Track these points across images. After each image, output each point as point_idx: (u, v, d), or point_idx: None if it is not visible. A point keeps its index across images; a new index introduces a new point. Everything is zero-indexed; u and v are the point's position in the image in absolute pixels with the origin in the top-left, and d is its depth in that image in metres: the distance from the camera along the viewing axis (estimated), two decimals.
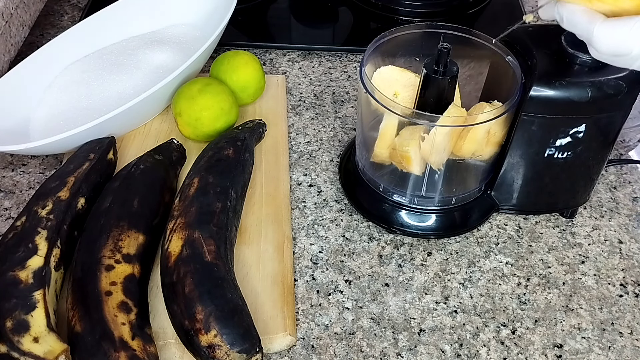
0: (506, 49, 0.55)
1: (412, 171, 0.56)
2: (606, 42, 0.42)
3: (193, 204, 0.53)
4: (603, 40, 0.42)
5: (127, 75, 0.70)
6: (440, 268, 0.57)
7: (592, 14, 0.42)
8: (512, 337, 0.53)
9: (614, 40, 0.41)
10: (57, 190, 0.54)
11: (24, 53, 0.72)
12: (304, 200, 0.63)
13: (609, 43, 0.41)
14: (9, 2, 0.68)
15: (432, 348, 0.52)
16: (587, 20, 0.42)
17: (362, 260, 0.58)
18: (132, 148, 0.65)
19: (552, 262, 0.58)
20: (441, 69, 0.52)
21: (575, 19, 0.43)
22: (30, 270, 0.48)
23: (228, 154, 0.59)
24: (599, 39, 0.42)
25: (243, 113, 0.69)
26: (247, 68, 0.68)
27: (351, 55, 0.81)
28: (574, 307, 0.55)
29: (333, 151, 0.68)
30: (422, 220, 0.59)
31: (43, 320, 0.45)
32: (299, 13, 0.87)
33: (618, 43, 0.41)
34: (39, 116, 0.66)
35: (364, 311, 0.54)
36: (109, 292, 0.47)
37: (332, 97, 0.75)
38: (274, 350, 0.51)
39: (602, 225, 0.62)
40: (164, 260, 0.50)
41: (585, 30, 0.42)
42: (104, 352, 0.44)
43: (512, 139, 0.55)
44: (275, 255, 0.56)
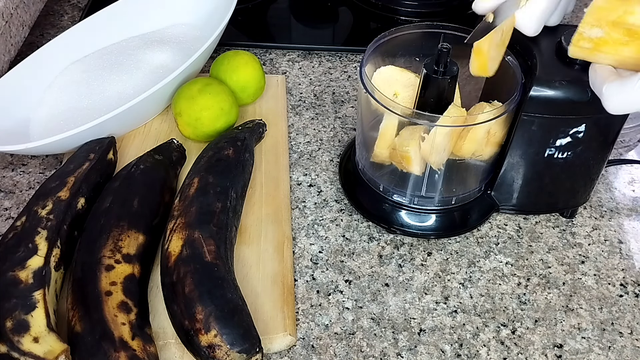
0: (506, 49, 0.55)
1: (412, 171, 0.56)
2: (613, 102, 0.42)
3: (193, 204, 0.53)
4: (611, 100, 0.43)
5: (127, 75, 0.70)
6: (440, 268, 0.57)
7: (606, 73, 0.44)
8: (512, 337, 0.53)
9: (620, 99, 0.42)
10: (57, 190, 0.54)
11: (24, 53, 0.72)
12: (304, 200, 0.63)
13: (615, 102, 0.42)
14: (9, 2, 0.68)
15: (432, 348, 0.52)
16: (600, 79, 0.44)
17: (362, 260, 0.58)
18: (132, 148, 0.65)
19: (552, 262, 0.58)
20: (441, 69, 0.52)
21: (592, 77, 0.45)
22: (30, 270, 0.48)
23: (228, 154, 0.59)
24: (608, 98, 0.43)
25: (243, 113, 0.70)
26: (247, 68, 0.68)
27: (351, 55, 0.81)
28: (574, 307, 0.55)
29: (333, 151, 0.68)
30: (422, 220, 0.59)
31: (43, 320, 0.45)
32: (299, 13, 0.87)
33: (624, 101, 0.42)
34: (39, 116, 0.66)
35: (364, 311, 0.54)
36: (109, 292, 0.47)
37: (332, 97, 0.75)
38: (274, 350, 0.51)
39: (602, 225, 0.62)
40: (164, 260, 0.50)
41: (598, 89, 0.44)
42: (104, 352, 0.44)
43: (512, 139, 0.55)
44: (275, 255, 0.56)
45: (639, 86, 0.41)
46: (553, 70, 0.51)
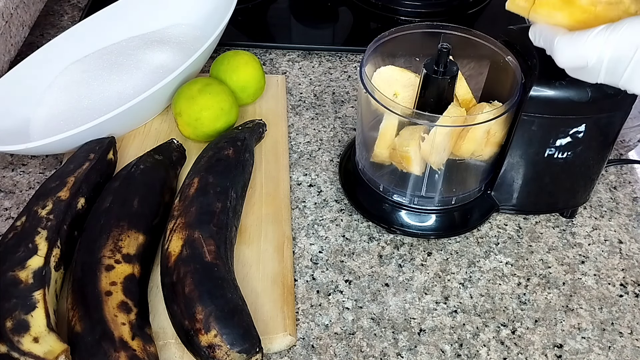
0: (506, 49, 0.55)
1: (412, 171, 0.56)
2: (564, 54, 0.44)
3: (193, 204, 0.53)
4: (562, 53, 0.44)
5: (127, 75, 0.70)
6: (440, 268, 0.57)
7: (556, 30, 0.45)
8: (512, 337, 0.53)
9: (571, 52, 0.43)
10: (57, 190, 0.54)
11: (24, 53, 0.72)
12: (304, 200, 0.63)
13: (566, 55, 0.44)
14: (9, 2, 0.68)
15: (432, 348, 0.52)
16: (551, 35, 0.45)
17: (362, 260, 0.58)
18: (132, 148, 0.65)
19: (552, 262, 0.58)
20: (441, 69, 0.52)
21: (543, 35, 0.46)
22: (30, 270, 0.48)
23: (228, 154, 0.59)
24: (559, 51, 0.44)
25: (243, 113, 0.70)
26: (247, 68, 0.68)
27: (351, 55, 0.81)
28: (574, 307, 0.55)
29: (333, 151, 0.68)
30: (422, 220, 0.59)
31: (43, 320, 0.45)
32: (299, 13, 0.87)
33: (574, 55, 0.43)
34: (39, 116, 0.66)
35: (364, 311, 0.54)
36: (109, 292, 0.47)
37: (332, 97, 0.75)
38: (274, 350, 0.51)
39: (602, 225, 0.62)
40: (164, 260, 0.50)
41: (549, 44, 0.45)
42: (104, 352, 0.44)
43: (512, 139, 0.55)
44: (275, 255, 0.56)
45: (589, 42, 0.42)
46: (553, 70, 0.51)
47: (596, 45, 0.42)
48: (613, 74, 0.43)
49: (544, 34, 0.46)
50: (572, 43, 0.43)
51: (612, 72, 0.43)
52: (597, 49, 0.42)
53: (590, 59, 0.42)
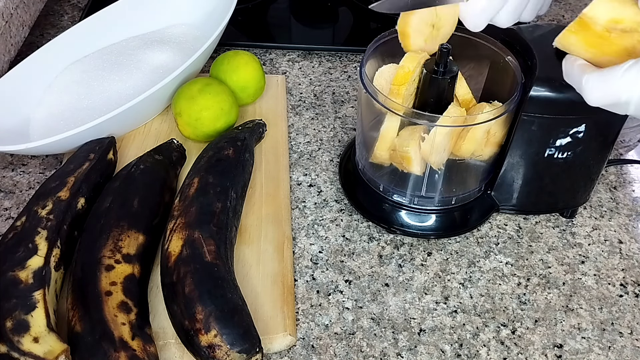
0: (506, 49, 0.55)
1: (412, 171, 0.56)
2: (595, 94, 0.42)
3: (193, 204, 0.53)
4: (592, 92, 0.42)
5: (127, 75, 0.70)
6: (440, 268, 0.57)
7: (584, 66, 0.43)
8: (512, 337, 0.53)
9: (601, 91, 0.42)
10: (57, 190, 0.54)
11: (24, 53, 0.72)
12: (304, 200, 0.63)
13: (596, 94, 0.42)
14: (9, 2, 0.68)
15: (432, 348, 0.52)
16: (578, 72, 0.43)
17: (362, 260, 0.58)
18: (132, 148, 0.65)
19: (552, 262, 0.58)
20: (441, 69, 0.52)
21: (569, 70, 0.45)
22: (30, 270, 0.48)
23: (228, 154, 0.59)
24: (588, 90, 0.42)
25: (243, 113, 0.70)
26: (247, 68, 0.68)
27: (351, 55, 0.81)
28: (574, 307, 0.55)
29: (333, 151, 0.68)
30: (422, 220, 0.59)
31: (43, 320, 0.45)
32: (299, 13, 0.87)
33: (605, 93, 0.42)
34: (39, 116, 0.66)
35: (364, 311, 0.54)
36: (109, 292, 0.47)
37: (332, 97, 0.75)
38: (274, 350, 0.51)
39: (602, 225, 0.62)
40: (164, 260, 0.50)
41: (577, 82, 0.44)
42: (104, 352, 0.44)
43: (512, 139, 0.55)
44: (275, 255, 0.56)
45: (625, 74, 0.40)
46: (553, 70, 0.51)
47: (627, 82, 0.40)
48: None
49: (571, 70, 0.45)
50: (602, 80, 0.41)
51: None
52: (628, 86, 0.40)
53: (622, 96, 0.41)
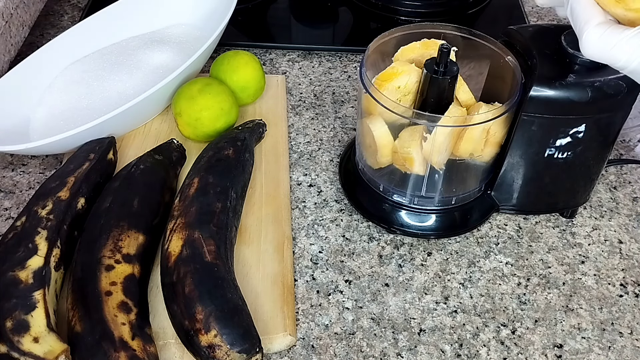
0: (506, 49, 0.55)
1: (414, 172, 0.56)
2: (592, 48, 0.41)
3: (193, 204, 0.53)
4: (590, 45, 0.41)
5: (127, 75, 0.70)
6: (440, 268, 0.57)
7: (592, 12, 0.41)
8: (512, 337, 0.53)
9: (600, 48, 0.41)
10: (57, 190, 0.54)
11: (24, 53, 0.72)
12: (304, 200, 0.63)
13: (593, 49, 0.41)
14: (9, 2, 0.68)
15: (432, 348, 0.52)
16: (585, 18, 0.41)
17: (362, 260, 0.58)
18: (132, 148, 0.65)
19: (552, 262, 0.58)
20: (441, 69, 0.52)
21: (577, 10, 0.42)
22: (30, 270, 0.48)
23: (228, 154, 0.59)
24: (587, 42, 0.41)
25: (243, 113, 0.70)
26: (247, 68, 0.68)
27: (351, 55, 0.81)
28: (574, 307, 0.55)
29: (333, 151, 0.68)
30: (422, 220, 0.59)
31: (43, 320, 0.45)
32: (299, 13, 0.87)
33: (603, 52, 0.40)
34: (39, 116, 0.66)
35: (364, 311, 0.54)
36: (109, 292, 0.47)
37: (332, 97, 0.75)
38: (274, 350, 0.51)
39: (602, 225, 0.62)
40: (164, 260, 0.50)
41: (579, 27, 0.42)
42: (104, 352, 0.44)
43: (512, 139, 0.55)
44: (275, 255, 0.56)
45: (622, 44, 0.39)
46: (553, 70, 0.51)
47: (630, 47, 0.39)
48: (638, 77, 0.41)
49: (578, 10, 0.42)
50: (604, 39, 0.40)
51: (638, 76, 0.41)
52: (630, 51, 0.39)
53: (619, 60, 0.40)
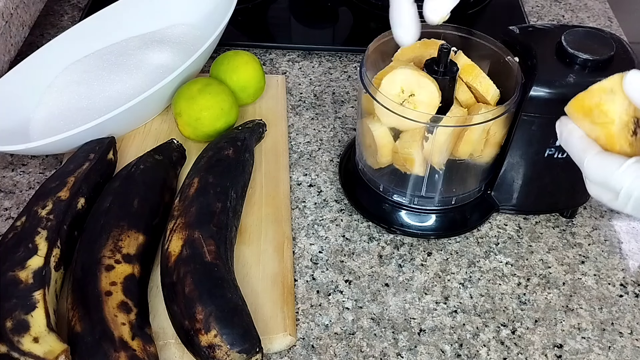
0: (506, 49, 0.55)
1: (415, 172, 0.56)
2: (595, 175, 0.41)
3: (193, 204, 0.53)
4: (593, 173, 0.42)
5: (127, 75, 0.70)
6: (440, 268, 0.57)
7: (587, 143, 0.42)
8: (512, 337, 0.53)
9: (603, 176, 0.41)
10: (57, 190, 0.54)
11: (24, 53, 0.72)
12: (304, 200, 0.63)
13: (597, 176, 0.41)
14: (9, 2, 0.68)
15: (432, 348, 0.52)
16: (582, 148, 0.42)
17: (362, 260, 0.58)
18: (132, 148, 0.65)
19: (552, 262, 0.58)
20: (441, 69, 0.52)
21: (572, 142, 0.43)
22: (30, 270, 0.48)
23: (228, 154, 0.59)
24: (590, 170, 0.42)
25: (243, 113, 0.69)
26: (247, 68, 0.68)
27: (351, 55, 0.81)
28: (574, 307, 0.55)
29: (333, 151, 0.68)
30: (422, 220, 0.59)
31: (43, 320, 0.45)
32: (299, 13, 0.87)
33: (606, 179, 0.41)
34: (39, 116, 0.66)
35: (364, 311, 0.54)
36: (109, 292, 0.47)
37: (332, 97, 0.75)
38: (274, 350, 0.51)
39: (602, 225, 0.62)
40: (164, 260, 0.50)
41: (578, 157, 0.43)
42: (104, 352, 0.44)
43: (512, 139, 0.55)
44: (275, 255, 0.56)
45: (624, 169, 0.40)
46: (553, 70, 0.51)
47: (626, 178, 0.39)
48: None
49: (574, 142, 0.43)
50: (604, 167, 0.41)
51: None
52: (626, 183, 0.39)
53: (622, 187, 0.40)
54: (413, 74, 0.52)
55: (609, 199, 0.42)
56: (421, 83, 0.52)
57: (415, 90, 0.52)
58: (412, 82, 0.52)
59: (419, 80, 0.52)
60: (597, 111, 0.42)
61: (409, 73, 0.52)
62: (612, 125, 0.41)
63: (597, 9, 0.90)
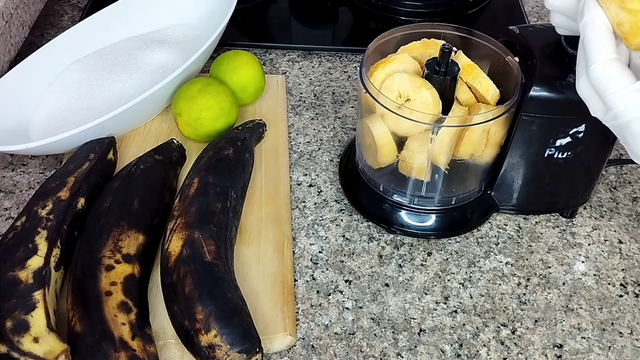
0: (506, 49, 0.55)
1: (422, 178, 0.56)
2: (596, 82, 0.39)
3: (193, 204, 0.53)
4: (594, 78, 0.39)
5: (127, 75, 0.70)
6: (440, 268, 0.57)
7: (606, 42, 0.39)
8: (512, 337, 0.53)
9: (602, 87, 0.39)
10: (57, 190, 0.54)
11: (24, 53, 0.72)
12: (304, 200, 0.63)
13: (597, 84, 0.39)
14: (9, 2, 0.68)
15: (432, 348, 0.52)
16: (598, 44, 0.39)
17: (362, 260, 0.58)
18: (132, 148, 0.65)
19: (552, 262, 0.58)
20: (442, 69, 0.52)
21: (591, 31, 0.40)
22: (30, 270, 0.48)
23: (228, 154, 0.59)
24: (594, 74, 0.39)
25: (243, 113, 0.69)
26: (247, 68, 0.68)
27: (351, 55, 0.81)
28: (574, 307, 0.55)
29: (333, 151, 0.68)
30: (422, 220, 0.59)
31: (43, 320, 0.45)
32: (299, 13, 0.87)
33: (604, 92, 0.39)
34: (39, 116, 0.66)
35: (364, 311, 0.54)
36: (109, 292, 0.47)
37: (332, 97, 0.75)
38: (274, 350, 0.51)
39: (602, 225, 0.62)
40: (164, 260, 0.50)
41: (590, 52, 0.40)
42: (104, 352, 0.44)
43: (512, 139, 0.55)
44: (275, 255, 0.56)
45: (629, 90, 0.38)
46: (553, 70, 0.51)
47: (622, 102, 0.38)
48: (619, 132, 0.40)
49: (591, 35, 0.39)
50: (606, 79, 0.39)
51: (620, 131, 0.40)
52: (620, 106, 0.38)
53: (610, 108, 0.39)
54: (410, 79, 0.52)
55: (595, 107, 0.40)
56: (417, 89, 0.52)
57: (411, 95, 0.52)
58: (408, 88, 0.52)
59: (415, 86, 0.52)
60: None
61: (406, 78, 0.52)
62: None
63: None
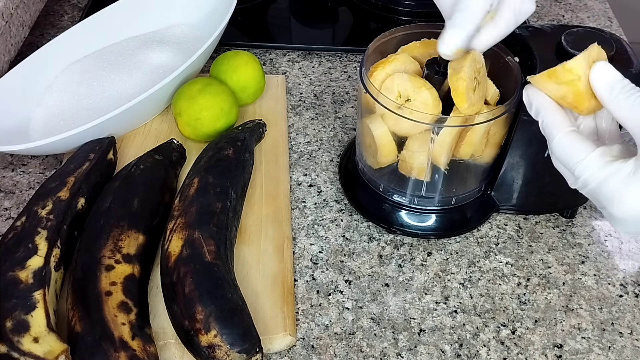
0: (506, 49, 0.55)
1: (422, 179, 0.56)
2: (561, 156, 0.42)
3: (193, 204, 0.53)
4: (558, 153, 0.42)
5: (127, 75, 0.70)
6: (440, 268, 0.57)
7: (561, 119, 0.42)
8: (512, 337, 0.53)
9: (567, 160, 0.41)
10: (57, 190, 0.54)
11: (24, 53, 0.72)
12: (304, 200, 0.63)
13: (562, 158, 0.42)
14: (9, 2, 0.68)
15: (432, 348, 0.52)
16: (553, 122, 0.42)
17: (362, 260, 0.58)
18: (132, 148, 0.65)
19: (552, 262, 0.58)
20: (442, 69, 0.52)
21: (544, 114, 0.43)
22: (30, 270, 0.48)
23: (228, 154, 0.59)
24: (557, 149, 0.42)
25: (243, 113, 0.70)
26: (247, 68, 0.68)
27: (351, 55, 0.81)
28: (574, 307, 0.55)
29: (333, 151, 0.68)
30: (422, 220, 0.59)
31: (43, 320, 0.45)
32: (299, 13, 0.87)
33: (569, 164, 0.41)
34: (39, 116, 0.66)
35: (364, 311, 0.54)
36: (109, 292, 0.47)
37: (332, 97, 0.75)
38: (274, 350, 0.51)
39: (602, 225, 0.62)
40: (164, 260, 0.50)
41: (549, 132, 0.43)
42: (104, 352, 0.44)
43: (512, 139, 0.55)
44: (275, 255, 0.56)
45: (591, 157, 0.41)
46: None
47: (587, 170, 0.40)
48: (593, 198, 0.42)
49: (545, 114, 0.43)
50: (569, 152, 0.41)
51: (593, 196, 0.42)
52: (586, 174, 0.41)
53: (578, 177, 0.41)
54: (410, 79, 0.52)
55: (569, 178, 0.43)
56: (417, 89, 0.52)
57: (411, 95, 0.52)
58: (408, 88, 0.52)
59: (415, 86, 0.52)
60: (561, 70, 0.41)
61: (406, 78, 0.52)
62: (578, 82, 0.40)
63: (597, 9, 0.90)
